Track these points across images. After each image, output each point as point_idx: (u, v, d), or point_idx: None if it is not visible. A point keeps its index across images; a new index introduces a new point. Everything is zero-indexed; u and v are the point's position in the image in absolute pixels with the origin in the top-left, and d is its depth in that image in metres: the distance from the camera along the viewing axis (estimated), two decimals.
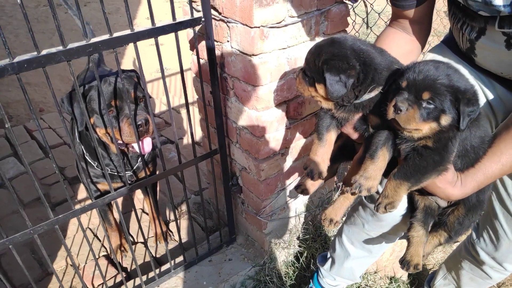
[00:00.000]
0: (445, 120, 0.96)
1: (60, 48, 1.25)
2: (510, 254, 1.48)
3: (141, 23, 5.77)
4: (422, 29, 1.37)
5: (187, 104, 1.69)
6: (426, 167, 1.02)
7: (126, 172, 1.98)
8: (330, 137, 1.17)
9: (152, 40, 1.43)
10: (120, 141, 1.79)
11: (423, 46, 1.42)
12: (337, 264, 1.86)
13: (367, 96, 1.06)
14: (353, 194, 1.07)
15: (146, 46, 2.61)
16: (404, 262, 1.28)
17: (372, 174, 1.05)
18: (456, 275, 1.81)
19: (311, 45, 1.64)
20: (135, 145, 1.79)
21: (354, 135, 1.18)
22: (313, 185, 1.33)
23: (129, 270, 2.31)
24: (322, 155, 1.16)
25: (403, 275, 2.25)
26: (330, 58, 1.02)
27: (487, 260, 1.57)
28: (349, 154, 1.28)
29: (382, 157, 1.06)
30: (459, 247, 1.81)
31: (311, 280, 2.05)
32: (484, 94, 1.35)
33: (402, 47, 1.36)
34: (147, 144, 1.81)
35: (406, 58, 1.33)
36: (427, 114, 0.96)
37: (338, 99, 1.05)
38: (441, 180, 1.04)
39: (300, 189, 1.35)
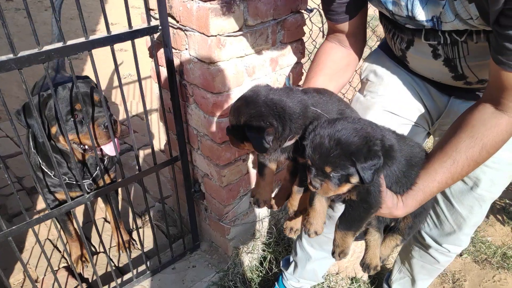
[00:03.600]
0: (354, 179, 1.01)
1: (11, 56, 1.23)
2: (451, 236, 1.61)
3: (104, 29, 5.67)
4: (357, 41, 1.42)
5: (145, 111, 1.69)
6: (360, 215, 1.12)
7: (85, 181, 1.95)
8: (269, 171, 1.28)
9: (118, 46, 1.43)
10: (86, 146, 1.76)
11: (360, 57, 1.47)
12: (299, 267, 1.90)
13: (289, 143, 1.13)
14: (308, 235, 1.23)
15: (108, 51, 2.58)
16: (364, 266, 1.36)
17: (313, 220, 1.20)
18: (409, 264, 1.91)
19: (269, 53, 1.69)
20: (105, 148, 1.78)
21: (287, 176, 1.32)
22: (277, 203, 1.40)
23: (90, 281, 2.26)
24: (264, 187, 1.30)
25: (363, 275, 2.32)
26: (249, 120, 1.08)
27: (432, 244, 1.69)
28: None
29: (319, 204, 1.19)
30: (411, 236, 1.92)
31: (276, 283, 2.08)
32: (419, 96, 1.45)
33: (338, 63, 1.42)
34: (116, 146, 1.81)
35: (344, 72, 1.43)
36: (339, 181, 1.01)
37: (264, 152, 1.14)
38: (383, 208, 1.11)
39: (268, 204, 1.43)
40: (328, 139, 0.98)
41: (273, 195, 1.37)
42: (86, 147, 1.78)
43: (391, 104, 1.47)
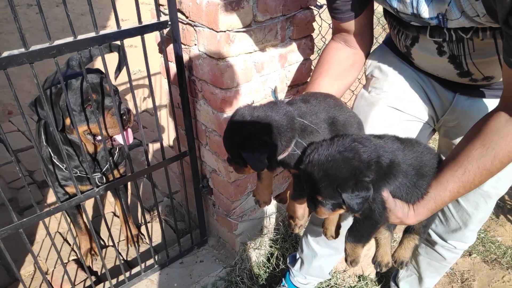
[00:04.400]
0: (345, 206, 1.01)
1: (22, 50, 1.24)
2: (457, 233, 1.61)
3: (114, 25, 5.71)
4: (363, 39, 1.40)
5: (154, 106, 1.70)
6: (367, 229, 1.13)
7: (96, 174, 1.97)
8: (267, 175, 1.32)
9: (128, 42, 1.44)
10: (99, 137, 1.78)
11: (366, 55, 1.45)
12: (306, 264, 1.91)
13: (281, 157, 1.13)
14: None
15: None
16: (376, 263, 1.37)
17: (329, 226, 1.32)
18: (416, 262, 1.90)
19: (278, 49, 1.69)
20: (118, 137, 1.80)
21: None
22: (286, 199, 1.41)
23: (99, 274, 2.28)
24: (263, 189, 1.34)
25: (371, 273, 2.31)
26: (242, 142, 1.09)
27: (438, 240, 1.69)
28: None
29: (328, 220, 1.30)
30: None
31: (283, 279, 2.08)
32: (424, 92, 1.43)
33: (343, 63, 1.40)
34: (130, 135, 1.83)
35: (349, 72, 1.42)
36: (332, 207, 1.03)
37: (262, 169, 1.16)
38: (392, 219, 1.10)
39: (279, 198, 1.46)
40: (317, 169, 0.99)
41: (276, 194, 1.39)
42: (99, 137, 1.80)
43: (396, 101, 1.45)
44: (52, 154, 1.91)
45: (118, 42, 1.47)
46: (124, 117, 1.74)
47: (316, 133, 1.12)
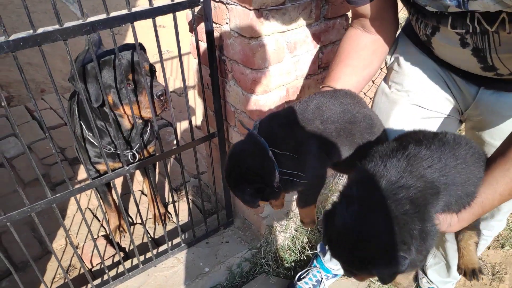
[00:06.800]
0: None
1: (57, 26, 1.24)
2: (483, 222, 1.52)
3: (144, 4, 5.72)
4: (384, 25, 1.25)
5: (185, 87, 1.69)
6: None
7: (128, 152, 1.99)
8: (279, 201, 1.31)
9: (156, 22, 1.42)
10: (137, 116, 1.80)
11: (390, 42, 1.31)
12: None
13: (276, 180, 1.07)
14: None
15: (148, 28, 2.58)
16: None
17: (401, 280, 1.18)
18: (443, 249, 1.85)
19: (311, 29, 1.63)
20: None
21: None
22: None
23: (127, 250, 2.34)
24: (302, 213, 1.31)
25: None
26: (234, 186, 1.10)
27: None
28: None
29: None
30: None
31: (314, 260, 2.07)
32: (446, 85, 1.32)
33: (363, 52, 1.27)
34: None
35: (371, 61, 1.28)
36: (369, 275, 0.94)
37: (256, 206, 1.12)
38: (439, 231, 0.98)
39: None
40: (342, 244, 0.88)
41: None
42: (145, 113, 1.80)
43: (418, 97, 1.35)
44: (87, 131, 1.93)
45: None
46: (162, 97, 1.73)
47: (293, 159, 1.05)
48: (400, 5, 1.28)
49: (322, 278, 2.00)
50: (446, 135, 0.99)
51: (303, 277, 2.01)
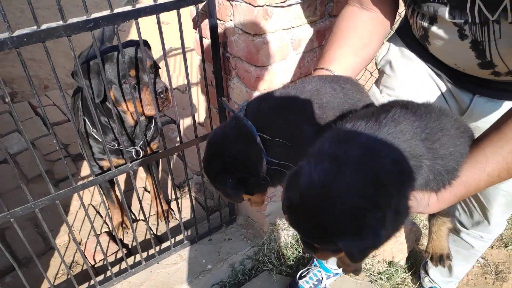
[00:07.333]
0: None
1: (60, 23, 1.24)
2: (480, 225, 1.56)
3: (148, 0, 5.72)
4: (382, 1, 1.15)
5: (188, 84, 1.68)
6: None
7: (131, 148, 1.99)
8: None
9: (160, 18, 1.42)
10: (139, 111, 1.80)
11: (390, 21, 1.19)
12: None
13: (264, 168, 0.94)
14: None
15: (151, 24, 2.58)
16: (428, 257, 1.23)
17: None
18: None
19: (316, 26, 1.62)
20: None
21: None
22: None
23: (130, 246, 2.34)
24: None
25: (401, 259, 2.27)
26: (214, 177, 0.97)
27: (461, 228, 1.64)
28: None
29: None
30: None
31: (314, 259, 2.06)
32: (439, 90, 1.27)
33: (360, 30, 1.14)
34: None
35: (369, 41, 1.16)
36: (334, 252, 0.80)
37: (240, 200, 0.99)
38: (413, 212, 0.85)
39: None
40: (303, 212, 0.72)
41: None
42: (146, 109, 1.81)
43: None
44: (91, 127, 1.93)
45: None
46: (162, 95, 1.73)
47: (285, 146, 0.90)
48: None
49: (322, 278, 2.00)
50: (432, 104, 0.87)
51: (304, 276, 2.01)
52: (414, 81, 1.29)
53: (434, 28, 1.06)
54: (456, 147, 0.83)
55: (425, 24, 1.08)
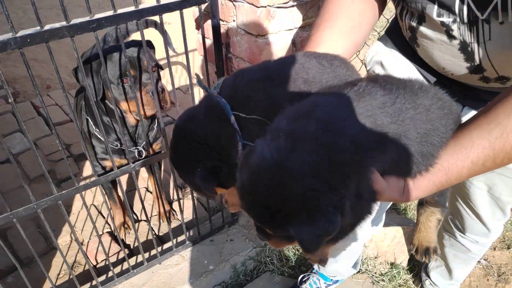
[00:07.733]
0: None
1: (64, 23, 1.24)
2: (474, 228, 1.56)
3: (150, 1, 5.72)
4: None
5: (190, 84, 1.68)
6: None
7: (134, 148, 1.99)
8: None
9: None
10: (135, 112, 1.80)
11: (379, 6, 1.11)
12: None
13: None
14: None
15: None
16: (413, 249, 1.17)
17: None
18: (442, 253, 1.84)
19: None
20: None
21: None
22: None
23: (132, 247, 2.34)
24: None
25: (403, 261, 2.26)
26: (181, 165, 0.85)
27: (457, 232, 1.65)
28: None
29: None
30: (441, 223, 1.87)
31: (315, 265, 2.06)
32: None
33: (350, 12, 1.06)
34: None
35: (359, 24, 1.09)
36: (288, 239, 0.72)
37: (213, 192, 0.85)
38: (382, 197, 0.76)
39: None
40: (254, 195, 0.65)
41: None
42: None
43: None
44: (94, 127, 1.93)
45: (157, 18, 1.44)
46: (159, 96, 1.73)
47: (264, 126, 0.75)
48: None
49: (321, 287, 1.97)
50: (413, 80, 0.80)
51: (305, 281, 1.99)
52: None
53: (422, 28, 1.02)
54: (435, 129, 0.75)
55: (414, 24, 1.04)
